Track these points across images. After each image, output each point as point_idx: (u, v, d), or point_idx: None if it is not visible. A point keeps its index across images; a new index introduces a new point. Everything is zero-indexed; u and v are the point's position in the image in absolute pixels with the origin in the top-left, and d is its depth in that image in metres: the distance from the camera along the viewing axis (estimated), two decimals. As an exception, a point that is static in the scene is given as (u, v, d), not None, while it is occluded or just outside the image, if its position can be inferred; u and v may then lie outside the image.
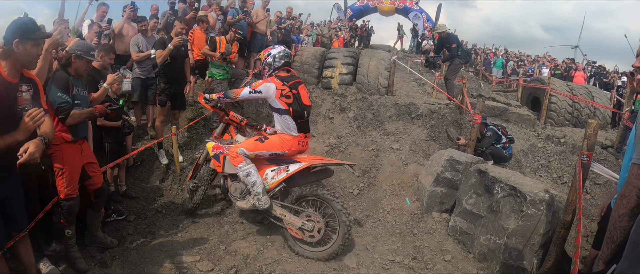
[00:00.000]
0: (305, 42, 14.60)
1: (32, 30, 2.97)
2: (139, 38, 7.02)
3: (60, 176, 3.86)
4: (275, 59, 4.70)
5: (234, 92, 4.67)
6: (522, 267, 4.14)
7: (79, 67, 4.08)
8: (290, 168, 4.42)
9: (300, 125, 4.50)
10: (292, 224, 4.47)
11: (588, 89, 12.50)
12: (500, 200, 4.45)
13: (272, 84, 4.43)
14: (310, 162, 4.38)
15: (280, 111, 4.46)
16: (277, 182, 4.49)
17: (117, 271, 4.19)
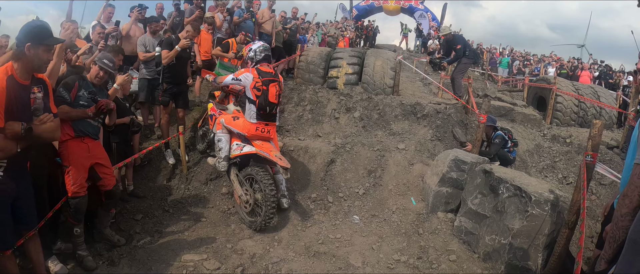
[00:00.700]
0: (311, 42, 14.62)
1: (45, 36, 3.01)
2: (146, 38, 7.07)
3: (67, 174, 3.98)
4: (256, 53, 5.40)
5: (220, 78, 5.55)
6: (526, 267, 4.15)
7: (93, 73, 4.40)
8: (244, 149, 5.33)
9: (261, 115, 5.22)
10: (236, 191, 5.33)
11: (594, 88, 12.44)
12: (505, 200, 4.46)
13: (251, 74, 5.19)
14: (257, 151, 5.18)
15: (249, 100, 5.21)
16: (235, 155, 5.40)
17: (125, 269, 4.25)
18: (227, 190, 6.14)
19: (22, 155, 3.02)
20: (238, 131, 5.38)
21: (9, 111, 2.85)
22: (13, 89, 2.89)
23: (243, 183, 5.26)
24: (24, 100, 2.98)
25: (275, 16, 10.84)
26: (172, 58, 6.31)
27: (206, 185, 6.34)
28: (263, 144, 5.27)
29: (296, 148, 7.07)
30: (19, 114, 2.92)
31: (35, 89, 3.09)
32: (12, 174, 3.00)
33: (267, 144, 5.33)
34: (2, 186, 2.93)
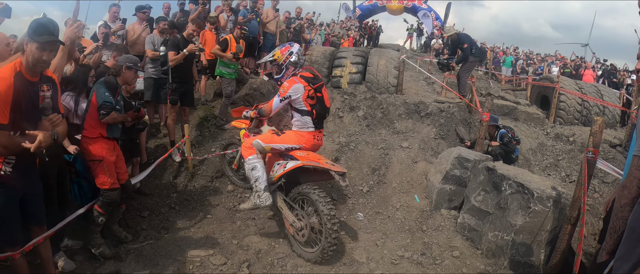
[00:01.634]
0: (315, 41, 14.69)
1: (40, 33, 2.83)
2: (155, 37, 7.13)
3: (101, 168, 4.19)
4: (300, 57, 4.73)
5: (266, 107, 4.71)
6: (529, 263, 4.18)
7: (128, 77, 4.68)
8: (288, 165, 4.46)
9: (317, 123, 4.62)
10: (286, 218, 4.58)
11: (597, 87, 12.45)
12: (508, 197, 4.50)
13: (300, 84, 4.48)
14: (303, 163, 4.36)
15: (302, 112, 4.54)
16: (278, 176, 4.54)
17: (132, 265, 4.31)
18: (232, 187, 6.20)
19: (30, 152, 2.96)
20: (290, 146, 4.58)
21: (16, 109, 2.78)
22: (21, 86, 2.81)
23: (293, 207, 4.53)
24: (32, 98, 2.92)
25: (279, 16, 10.89)
26: (179, 61, 6.39)
27: (212, 182, 6.40)
28: (308, 154, 4.53)
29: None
30: (27, 113, 2.87)
31: (45, 86, 3.04)
32: (21, 171, 2.99)
33: (311, 153, 4.63)
34: (12, 182, 2.91)
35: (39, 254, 3.51)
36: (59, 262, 4.01)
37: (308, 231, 4.37)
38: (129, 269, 4.23)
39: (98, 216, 4.30)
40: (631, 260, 1.69)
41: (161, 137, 7.28)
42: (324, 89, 4.70)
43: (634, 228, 1.69)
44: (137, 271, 4.20)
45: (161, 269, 4.24)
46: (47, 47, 2.89)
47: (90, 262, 4.27)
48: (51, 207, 3.75)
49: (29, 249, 3.23)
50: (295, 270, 4.24)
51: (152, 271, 4.21)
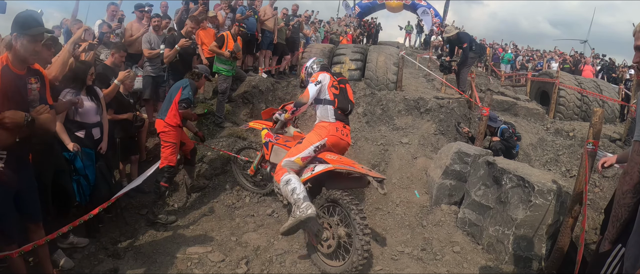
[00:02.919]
0: (313, 39, 14.66)
1: (30, 25, 2.91)
2: (151, 35, 7.10)
3: (172, 150, 5.21)
4: (313, 67, 4.77)
5: (303, 96, 4.35)
6: (530, 257, 4.16)
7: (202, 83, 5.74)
8: (316, 168, 4.16)
9: (339, 115, 4.40)
10: None
11: (596, 82, 12.42)
12: (509, 191, 4.47)
13: (326, 74, 4.46)
14: (337, 166, 4.03)
15: (325, 101, 4.38)
16: (303, 180, 4.18)
17: (130, 263, 4.29)
18: (230, 185, 6.17)
19: (21, 146, 2.99)
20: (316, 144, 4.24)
21: (4, 102, 2.82)
22: (8, 79, 2.85)
23: (320, 215, 4.15)
24: (20, 90, 2.95)
25: (278, 13, 10.86)
26: (172, 57, 6.36)
27: (211, 180, 6.37)
28: (340, 158, 4.22)
29: (299, 143, 7.10)
30: (15, 105, 2.88)
31: (32, 79, 3.06)
32: (14, 166, 2.97)
33: (344, 157, 4.32)
34: (4, 178, 2.89)
35: (36, 252, 3.48)
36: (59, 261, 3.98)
37: (335, 242, 3.97)
38: (127, 266, 4.21)
39: (164, 190, 5.32)
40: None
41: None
42: (348, 85, 4.61)
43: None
44: (136, 268, 4.18)
45: (159, 266, 4.22)
46: (38, 38, 2.96)
47: (89, 260, 4.26)
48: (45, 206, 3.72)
49: (29, 249, 3.20)
50: (294, 266, 4.22)
51: (151, 268, 4.20)
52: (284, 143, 4.81)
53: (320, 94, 4.36)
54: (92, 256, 4.29)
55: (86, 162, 4.32)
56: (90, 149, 4.44)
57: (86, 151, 4.36)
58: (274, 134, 4.97)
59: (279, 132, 4.98)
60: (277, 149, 4.86)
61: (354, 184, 4.38)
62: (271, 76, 10.62)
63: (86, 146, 4.35)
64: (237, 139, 7.19)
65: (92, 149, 4.45)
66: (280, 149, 4.81)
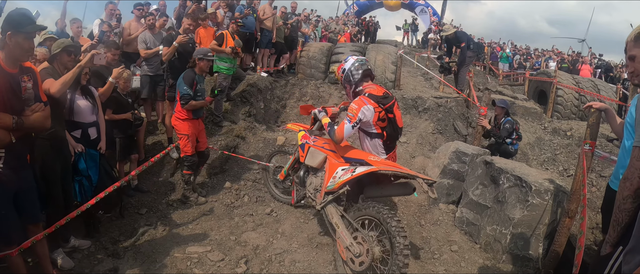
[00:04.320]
0: (311, 37, 14.68)
1: (24, 24, 2.92)
2: (147, 35, 7.08)
3: (186, 140, 5.52)
4: (352, 72, 4.17)
5: (337, 133, 3.98)
6: (527, 257, 4.19)
7: (203, 66, 5.62)
8: (357, 170, 3.78)
9: (388, 146, 4.14)
10: (341, 240, 3.78)
11: (594, 82, 12.48)
12: (506, 190, 4.50)
13: (370, 106, 3.89)
14: (380, 167, 3.65)
15: (372, 135, 4.06)
16: (340, 183, 3.86)
17: (130, 262, 4.29)
18: (230, 184, 6.19)
19: (19, 146, 2.99)
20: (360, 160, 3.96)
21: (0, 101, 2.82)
22: (2, 78, 2.86)
23: (354, 228, 3.75)
24: (13, 89, 2.94)
25: (277, 12, 10.86)
26: (171, 54, 6.35)
27: (210, 179, 6.39)
28: (384, 160, 3.94)
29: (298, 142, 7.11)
30: (10, 103, 2.89)
31: (25, 77, 3.04)
32: (12, 166, 2.96)
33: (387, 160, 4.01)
34: (3, 178, 2.89)
35: (35, 252, 3.49)
36: (58, 260, 3.99)
37: (368, 261, 3.52)
38: (127, 266, 4.21)
39: (188, 177, 5.70)
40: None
41: (158, 135, 7.25)
42: (395, 108, 4.12)
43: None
44: (135, 268, 4.17)
45: (159, 266, 4.23)
46: (32, 36, 3.01)
47: (89, 259, 4.25)
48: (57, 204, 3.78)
49: (27, 246, 3.21)
50: (293, 266, 4.23)
51: (150, 267, 4.20)
52: (322, 145, 4.49)
53: (364, 126, 4.02)
54: (92, 255, 4.30)
55: (89, 163, 4.32)
56: (95, 151, 4.45)
57: (91, 152, 4.38)
58: (311, 135, 4.72)
59: (317, 134, 4.74)
60: (314, 152, 4.53)
61: (397, 191, 4.03)
62: (270, 75, 10.63)
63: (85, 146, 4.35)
64: (235, 138, 7.20)
65: (96, 151, 4.46)
66: (317, 152, 4.48)
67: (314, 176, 4.55)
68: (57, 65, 3.99)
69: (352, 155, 4.12)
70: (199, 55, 5.59)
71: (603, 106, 3.53)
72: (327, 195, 4.08)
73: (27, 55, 3.05)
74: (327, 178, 4.13)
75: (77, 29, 6.85)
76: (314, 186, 4.48)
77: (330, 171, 4.14)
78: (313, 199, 4.39)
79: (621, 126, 3.28)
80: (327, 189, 4.06)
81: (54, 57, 4.00)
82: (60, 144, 3.88)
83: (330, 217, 3.99)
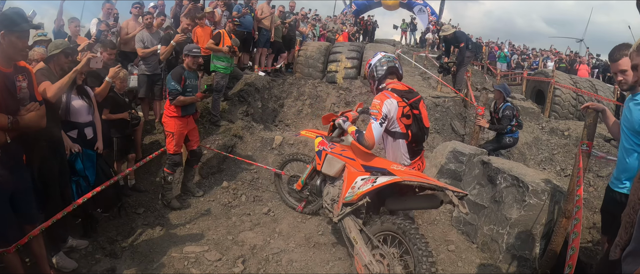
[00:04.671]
0: (309, 36, 14.68)
1: (17, 23, 2.89)
2: (144, 34, 7.07)
3: (170, 138, 5.45)
4: (376, 67, 3.86)
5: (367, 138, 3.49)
6: (524, 257, 4.19)
7: (189, 62, 5.50)
8: (378, 180, 3.43)
9: (415, 149, 3.71)
10: (359, 256, 3.53)
11: (591, 82, 12.51)
12: (503, 190, 4.51)
13: (393, 100, 3.53)
14: (404, 177, 3.27)
15: (395, 135, 3.64)
16: (360, 194, 3.54)
17: (127, 262, 4.28)
18: (227, 184, 6.18)
19: (14, 146, 2.98)
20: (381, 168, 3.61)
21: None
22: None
23: (374, 244, 3.50)
24: (9, 89, 2.93)
25: (275, 11, 10.86)
26: (169, 53, 6.35)
27: (207, 179, 6.39)
28: (409, 169, 3.53)
29: (296, 142, 7.11)
30: (5, 103, 2.88)
31: (20, 77, 3.03)
32: (8, 166, 2.95)
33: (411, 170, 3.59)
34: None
35: (33, 251, 3.47)
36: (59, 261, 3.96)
37: None
38: (124, 266, 4.20)
39: (167, 176, 5.56)
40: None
41: (156, 134, 7.23)
42: (421, 105, 3.74)
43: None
44: (133, 267, 4.17)
45: (156, 265, 4.22)
46: (26, 35, 3.00)
47: (86, 259, 4.24)
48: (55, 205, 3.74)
49: (24, 242, 3.19)
50: (290, 265, 4.23)
51: (148, 267, 4.19)
52: (340, 152, 4.15)
53: (389, 126, 3.61)
54: (90, 255, 4.29)
55: (86, 164, 4.31)
56: (92, 151, 4.44)
57: (87, 152, 4.37)
58: (329, 142, 4.37)
59: (335, 141, 4.34)
60: (331, 159, 4.22)
61: (422, 204, 3.61)
62: (268, 74, 10.62)
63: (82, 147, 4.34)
64: (233, 138, 7.19)
65: (93, 151, 4.45)
66: (334, 159, 4.17)
67: (331, 186, 4.26)
68: (53, 66, 3.98)
69: (373, 163, 3.75)
70: (185, 51, 5.55)
71: (600, 106, 3.55)
72: (345, 207, 3.78)
73: (21, 54, 3.02)
74: (346, 188, 3.85)
75: (75, 28, 6.84)
76: (331, 196, 4.17)
77: (349, 181, 3.85)
78: (330, 211, 4.11)
79: (616, 126, 3.29)
80: (345, 200, 3.77)
81: (51, 57, 3.99)
82: (56, 145, 3.86)
83: (348, 231, 3.72)
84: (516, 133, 6.97)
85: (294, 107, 9.09)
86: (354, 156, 3.95)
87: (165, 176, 5.58)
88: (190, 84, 5.48)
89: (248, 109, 8.53)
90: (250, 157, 6.77)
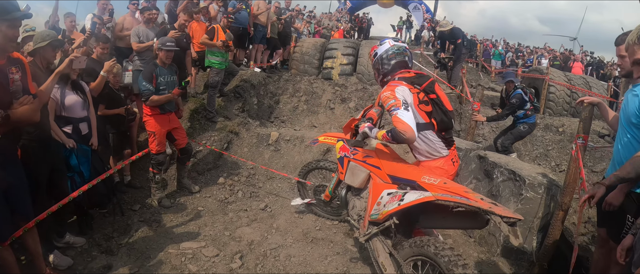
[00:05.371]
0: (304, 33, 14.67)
1: (8, 11, 2.77)
2: (140, 28, 7.01)
3: (153, 138, 5.32)
4: (383, 60, 3.44)
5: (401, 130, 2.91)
6: (522, 250, 4.21)
7: (163, 57, 5.28)
8: (406, 198, 2.88)
9: (446, 139, 3.28)
10: None
11: (585, 79, 12.59)
12: (500, 184, 4.52)
13: (403, 87, 3.14)
14: (437, 195, 2.70)
15: (420, 127, 3.11)
16: (386, 213, 3.02)
17: (124, 259, 4.25)
18: (223, 180, 6.16)
19: (6, 141, 2.92)
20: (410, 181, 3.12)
21: None
22: None
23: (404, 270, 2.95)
24: (1, 81, 2.85)
25: (271, 7, 10.82)
26: None
27: (203, 175, 6.37)
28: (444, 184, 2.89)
29: (292, 138, 7.11)
30: None
31: (13, 69, 2.94)
32: (0, 162, 2.91)
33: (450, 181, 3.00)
34: None
35: (28, 248, 3.42)
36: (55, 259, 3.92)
37: None
38: (121, 263, 4.17)
39: (154, 175, 5.46)
40: None
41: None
42: (437, 88, 3.29)
43: None
44: (129, 264, 4.14)
45: (153, 262, 4.20)
46: (17, 24, 2.89)
47: (82, 257, 4.20)
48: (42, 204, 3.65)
49: (18, 234, 3.15)
50: (288, 260, 4.22)
51: (144, 264, 4.17)
52: (363, 159, 3.69)
53: None
54: (85, 252, 4.25)
55: (81, 159, 4.28)
56: (87, 147, 4.41)
57: (82, 147, 4.33)
58: (350, 147, 3.90)
59: (358, 145, 3.80)
60: (354, 167, 3.76)
61: (464, 224, 3.11)
62: (263, 70, 10.59)
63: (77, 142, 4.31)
64: (229, 134, 7.16)
65: (88, 147, 4.42)
66: (358, 168, 3.71)
67: (356, 198, 3.76)
68: (39, 60, 3.83)
69: (402, 173, 3.27)
70: (158, 45, 5.34)
71: (595, 100, 3.56)
72: (372, 226, 3.29)
73: (11, 45, 2.91)
74: (371, 203, 3.35)
75: (70, 24, 6.77)
76: (357, 210, 3.69)
77: (375, 194, 3.34)
78: (356, 227, 3.64)
79: (615, 119, 3.30)
80: (371, 218, 3.26)
81: (37, 50, 3.81)
82: (48, 140, 3.80)
83: (376, 254, 3.24)
84: (532, 118, 6.91)
85: (289, 104, 9.07)
86: (379, 164, 3.48)
87: (151, 176, 5.50)
88: (164, 81, 5.28)
89: (244, 106, 8.50)
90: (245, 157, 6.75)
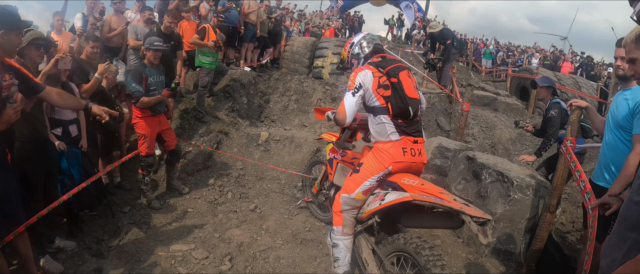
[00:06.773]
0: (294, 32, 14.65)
1: (17, 21, 2.91)
2: (138, 26, 6.98)
3: (143, 141, 5.29)
4: (362, 46, 3.54)
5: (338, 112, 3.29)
6: (509, 251, 4.25)
7: (150, 57, 5.21)
8: (386, 197, 3.11)
9: (402, 126, 3.18)
10: None
11: (575, 79, 12.73)
12: (488, 185, 4.56)
13: (368, 71, 3.20)
14: (415, 195, 2.89)
15: (375, 110, 3.22)
16: (369, 212, 3.24)
17: (114, 262, 4.24)
18: (213, 181, 6.15)
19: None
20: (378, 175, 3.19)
21: None
22: None
23: (386, 269, 3.14)
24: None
25: (262, 6, 10.79)
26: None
27: (193, 176, 6.34)
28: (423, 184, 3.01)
29: (282, 138, 7.10)
30: None
31: (7, 76, 2.95)
32: None
33: (428, 183, 3.09)
34: None
35: (19, 253, 3.41)
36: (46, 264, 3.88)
37: None
38: (111, 266, 4.15)
39: (144, 177, 5.45)
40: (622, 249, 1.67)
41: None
42: (402, 74, 3.23)
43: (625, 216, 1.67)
44: (120, 268, 4.12)
45: (143, 265, 4.19)
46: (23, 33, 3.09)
47: (73, 260, 4.18)
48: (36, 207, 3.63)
49: (10, 239, 3.14)
50: (278, 262, 4.23)
51: (134, 267, 4.16)
52: (351, 161, 3.92)
53: (367, 99, 3.24)
54: (76, 256, 4.22)
55: (72, 162, 4.24)
56: (77, 149, 4.37)
57: (73, 150, 4.30)
58: (339, 148, 4.03)
59: (347, 148, 3.91)
60: (342, 169, 4.01)
61: (441, 224, 3.26)
62: (253, 69, 10.55)
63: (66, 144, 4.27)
64: (218, 134, 7.14)
65: (78, 149, 4.38)
66: (345, 169, 3.94)
67: None
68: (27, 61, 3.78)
69: None
70: (146, 45, 5.28)
71: (583, 103, 3.60)
72: (357, 224, 3.46)
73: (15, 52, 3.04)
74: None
75: (58, 23, 6.71)
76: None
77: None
78: None
79: (602, 123, 3.35)
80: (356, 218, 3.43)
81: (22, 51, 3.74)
82: (44, 145, 3.79)
83: (360, 250, 3.41)
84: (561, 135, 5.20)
85: (280, 103, 9.06)
86: None
87: (141, 178, 5.49)
88: (153, 81, 5.22)
89: (234, 105, 8.46)
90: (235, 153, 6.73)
